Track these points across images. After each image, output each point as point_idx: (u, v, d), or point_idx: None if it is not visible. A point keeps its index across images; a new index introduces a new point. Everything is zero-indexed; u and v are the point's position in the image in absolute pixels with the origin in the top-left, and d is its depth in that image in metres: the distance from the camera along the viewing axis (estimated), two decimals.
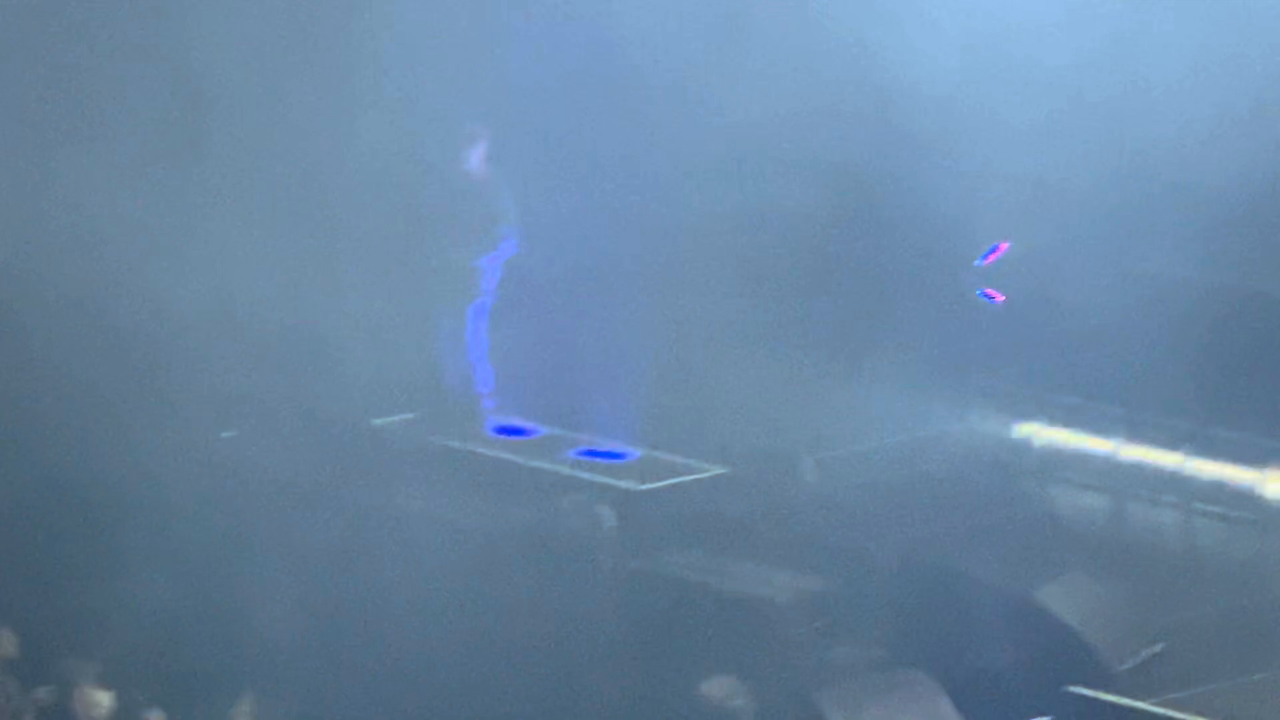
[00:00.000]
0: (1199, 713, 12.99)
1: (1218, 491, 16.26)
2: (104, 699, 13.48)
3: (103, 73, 20.08)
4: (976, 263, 17.44)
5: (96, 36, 20.05)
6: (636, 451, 16.22)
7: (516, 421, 16.77)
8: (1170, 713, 13.43)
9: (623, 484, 15.80)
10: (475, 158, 17.59)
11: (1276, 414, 16.58)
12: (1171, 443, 16.01)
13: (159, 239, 18.31)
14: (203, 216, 18.48)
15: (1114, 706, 14.16)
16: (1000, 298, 17.96)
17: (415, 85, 19.94)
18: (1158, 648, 13.73)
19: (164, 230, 18.49)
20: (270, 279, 17.66)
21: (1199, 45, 18.87)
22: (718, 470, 15.99)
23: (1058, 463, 17.35)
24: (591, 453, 16.43)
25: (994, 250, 17.59)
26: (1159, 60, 19.08)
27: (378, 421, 17.02)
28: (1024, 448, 17.38)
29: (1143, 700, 13.47)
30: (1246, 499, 16.31)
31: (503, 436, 16.54)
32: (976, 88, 18.54)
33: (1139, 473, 16.18)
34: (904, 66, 18.22)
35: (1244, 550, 15.62)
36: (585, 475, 16.14)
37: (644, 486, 15.83)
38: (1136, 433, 16.18)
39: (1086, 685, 14.22)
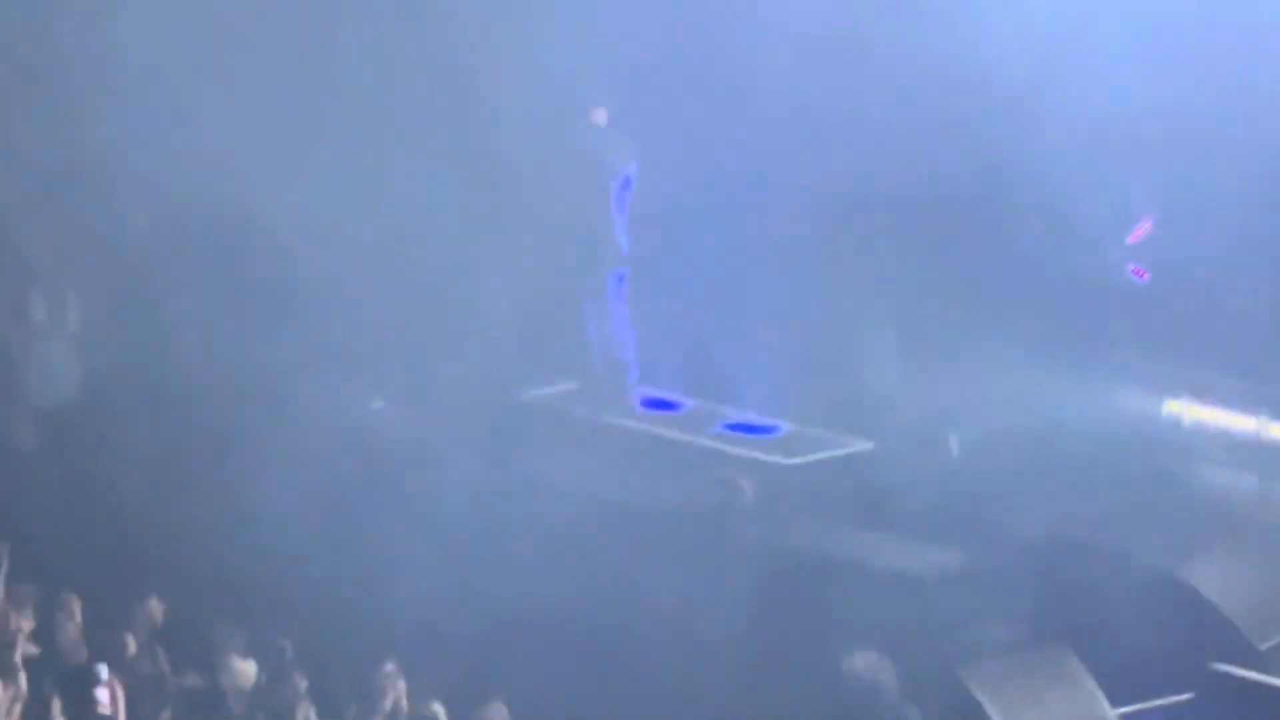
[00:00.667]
0: None
1: None
2: (249, 668, 13.73)
3: (294, 36, 19.62)
4: (1122, 240, 17.62)
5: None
6: (783, 426, 16.45)
7: (664, 395, 17.02)
8: None
9: (769, 458, 15.98)
10: (615, 132, 18.05)
11: None
12: None
13: (323, 210, 18.62)
14: (356, 190, 18.73)
15: (1257, 685, 14.38)
16: (1145, 275, 18.48)
17: (556, 60, 20.25)
18: None
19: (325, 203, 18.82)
20: (425, 255, 18.22)
21: None
22: (864, 445, 16.11)
23: (1200, 440, 17.37)
24: (738, 427, 16.53)
25: (1139, 227, 17.86)
26: None
27: (527, 395, 17.36)
28: (1167, 425, 17.35)
29: None
30: None
31: (651, 410, 16.62)
32: (1115, 64, 18.49)
33: None
34: (1039, 46, 18.29)
35: None
36: (732, 450, 16.29)
37: (790, 461, 15.99)
38: None
39: (1230, 663, 14.39)
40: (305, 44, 20.66)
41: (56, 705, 14.13)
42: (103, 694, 15.66)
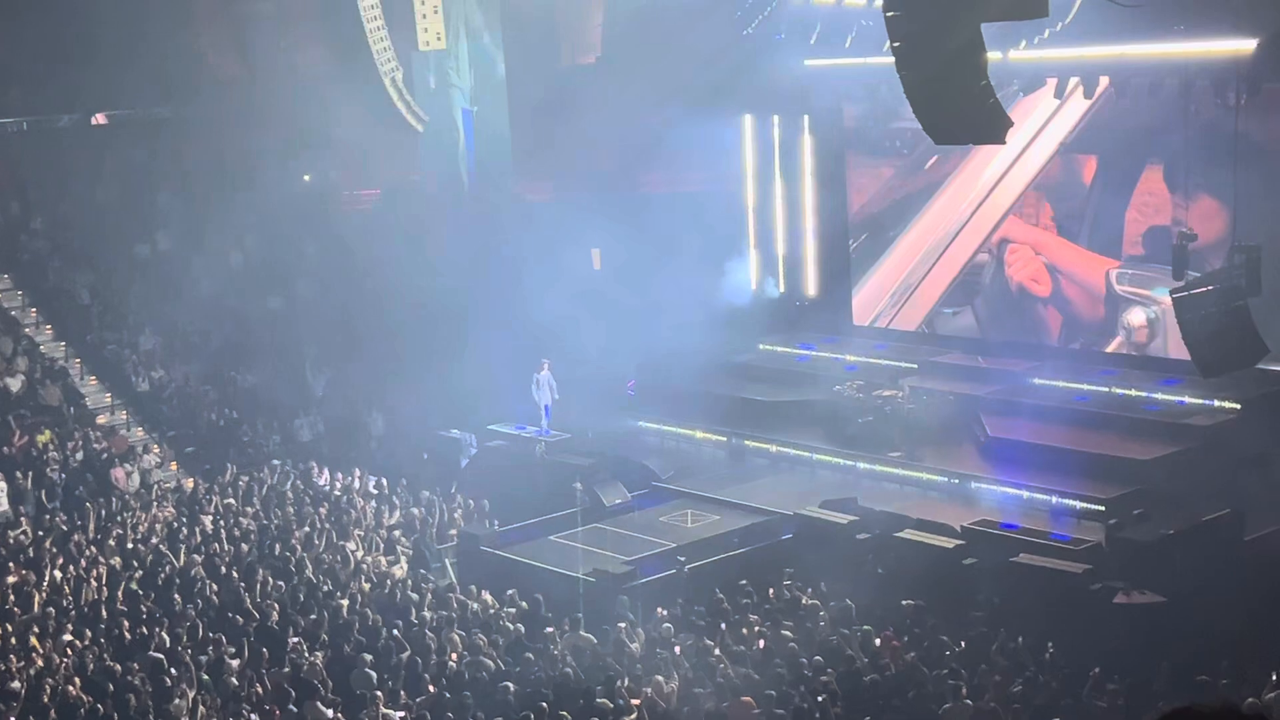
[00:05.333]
0: None
1: None
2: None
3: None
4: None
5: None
6: (550, 432, 25.25)
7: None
8: None
9: (543, 438, 25.26)
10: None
11: None
12: None
13: None
14: None
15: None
16: (633, 389, 26.84)
17: None
18: None
19: None
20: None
21: None
22: (566, 435, 25.78)
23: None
24: (539, 431, 25.22)
25: (631, 381, 27.45)
26: None
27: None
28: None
29: None
30: None
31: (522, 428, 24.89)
32: None
33: None
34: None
35: None
36: (535, 437, 25.73)
37: (547, 439, 25.42)
38: None
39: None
40: None
41: None
42: None
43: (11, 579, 19.31)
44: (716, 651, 15.83)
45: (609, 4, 26.86)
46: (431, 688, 15.60)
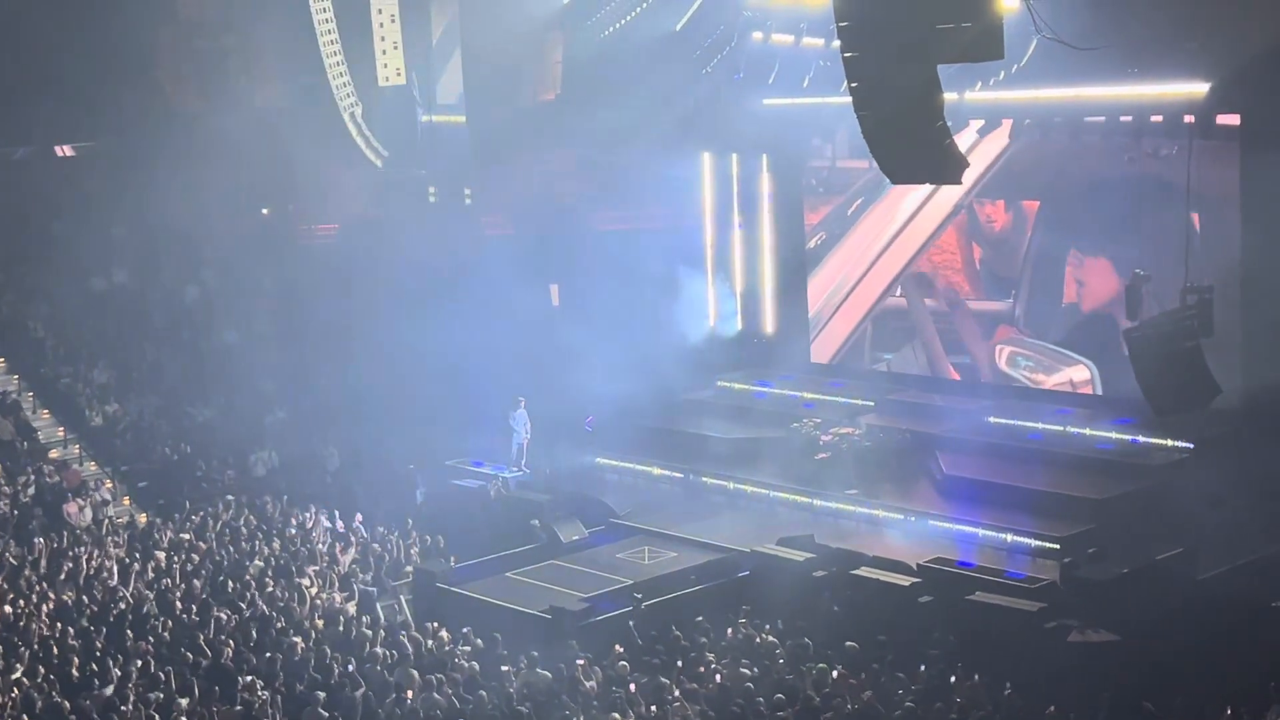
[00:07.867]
0: None
1: None
2: None
3: None
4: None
5: None
6: (503, 469, 24.30)
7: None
8: None
9: (500, 475, 24.77)
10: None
11: None
12: None
13: None
14: None
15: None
16: (591, 424, 25.29)
17: None
18: None
19: None
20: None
21: None
22: (521, 474, 24.29)
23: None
24: (496, 467, 24.52)
25: (590, 418, 26.00)
26: None
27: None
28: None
29: None
30: None
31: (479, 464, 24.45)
32: None
33: None
34: None
35: None
36: (490, 472, 24.67)
37: (501, 476, 24.26)
38: None
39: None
40: None
41: None
42: None
43: None
44: (676, 692, 15.39)
45: (569, 41, 26.87)
46: None
